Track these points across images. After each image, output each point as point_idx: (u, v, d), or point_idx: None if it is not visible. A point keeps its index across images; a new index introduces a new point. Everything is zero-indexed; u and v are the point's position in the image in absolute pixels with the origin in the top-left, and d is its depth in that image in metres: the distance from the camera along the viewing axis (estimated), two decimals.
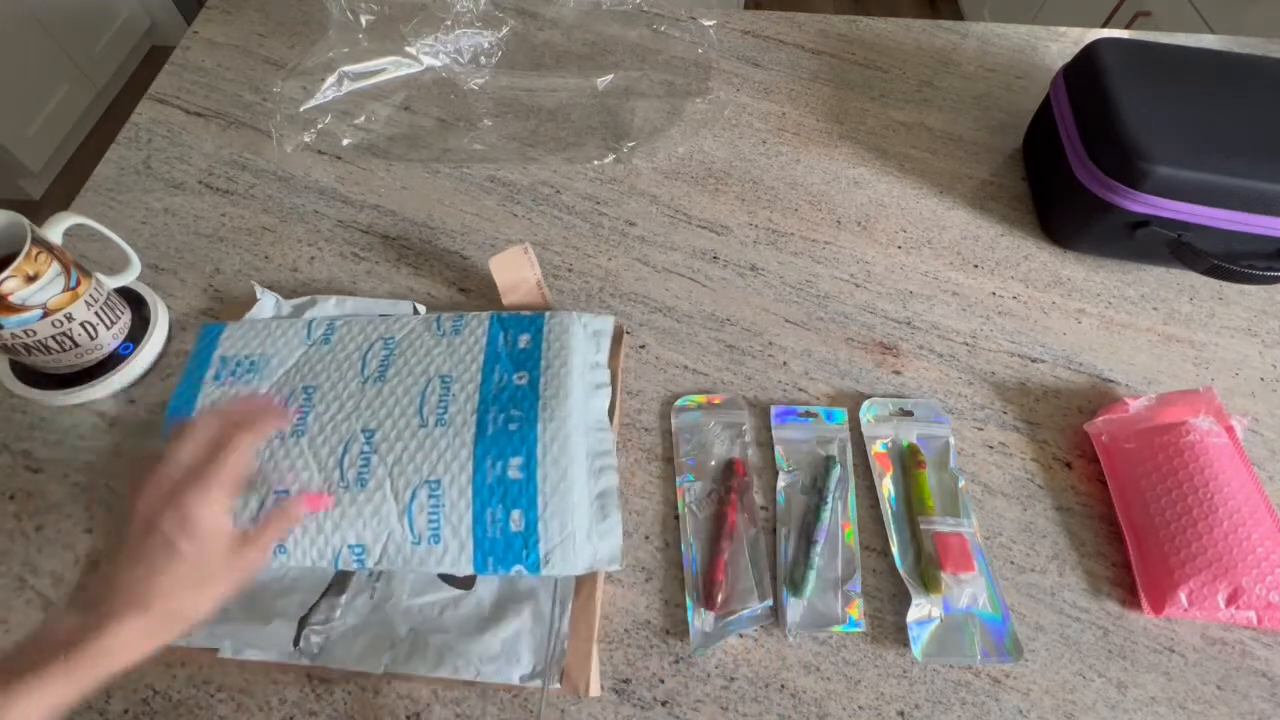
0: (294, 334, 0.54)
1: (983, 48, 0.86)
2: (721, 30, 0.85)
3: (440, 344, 0.53)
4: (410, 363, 0.52)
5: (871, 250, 0.67)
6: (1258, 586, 0.44)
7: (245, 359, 0.53)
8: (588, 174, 0.71)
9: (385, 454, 0.47)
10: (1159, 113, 0.60)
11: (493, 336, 0.54)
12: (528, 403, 0.50)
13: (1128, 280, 0.66)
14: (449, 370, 0.51)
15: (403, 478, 0.46)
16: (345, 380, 0.51)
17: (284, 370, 0.52)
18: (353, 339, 0.54)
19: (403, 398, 0.50)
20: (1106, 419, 0.54)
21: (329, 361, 0.52)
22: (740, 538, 0.49)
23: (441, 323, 0.55)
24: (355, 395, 0.50)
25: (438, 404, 0.50)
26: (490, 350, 0.53)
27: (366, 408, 0.49)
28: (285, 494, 0.45)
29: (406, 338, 0.54)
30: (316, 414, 0.49)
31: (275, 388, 0.51)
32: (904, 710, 0.44)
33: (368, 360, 0.52)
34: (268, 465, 0.47)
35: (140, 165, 0.70)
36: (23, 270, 0.45)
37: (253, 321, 0.55)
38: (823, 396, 0.57)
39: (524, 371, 0.51)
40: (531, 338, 0.53)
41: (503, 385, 0.51)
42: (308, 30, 0.83)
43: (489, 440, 0.47)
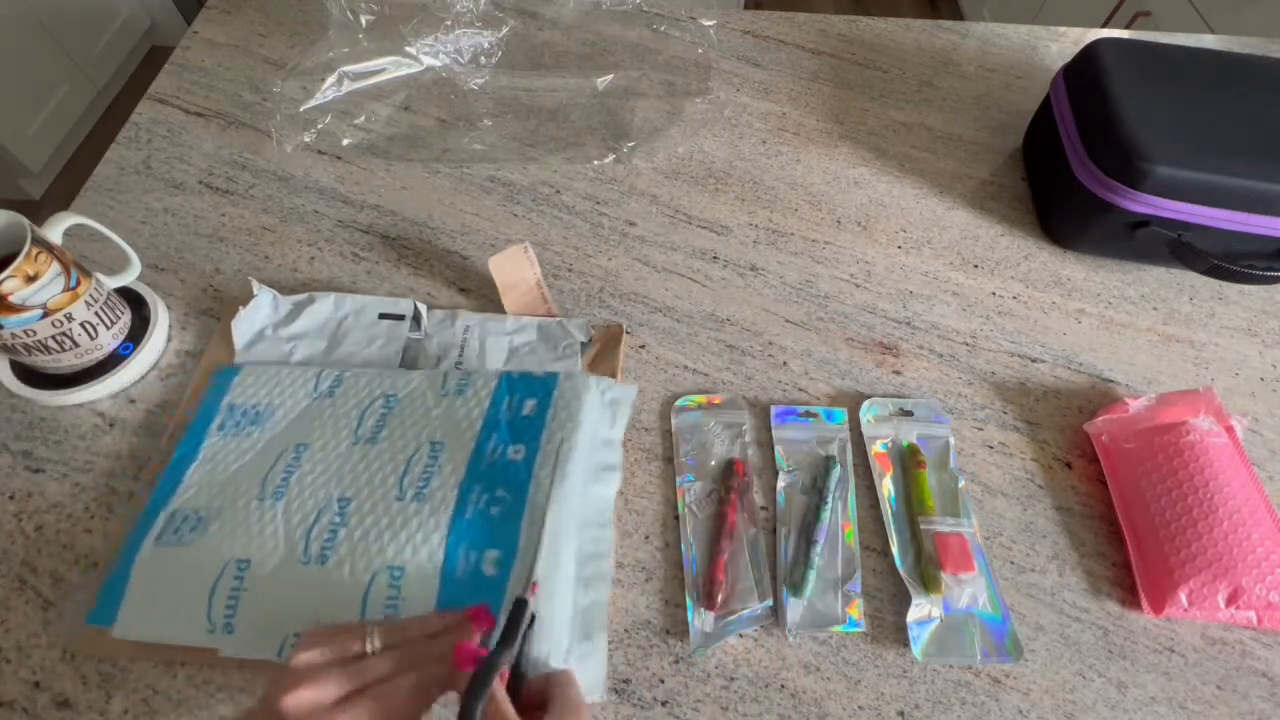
0: (302, 385, 0.51)
1: (983, 48, 0.86)
2: (721, 30, 0.85)
3: (441, 405, 0.48)
4: (406, 424, 0.48)
5: (871, 250, 0.67)
6: (1258, 586, 0.44)
7: (251, 408, 0.50)
8: (588, 174, 0.71)
9: (354, 528, 0.43)
10: (1159, 113, 0.60)
11: (497, 399, 0.48)
12: (517, 483, 0.44)
13: (1128, 280, 0.66)
14: (442, 435, 0.46)
15: (364, 558, 0.41)
16: (338, 439, 0.47)
17: (286, 424, 0.49)
18: (356, 394, 0.50)
19: (387, 464, 0.45)
20: (1106, 419, 0.54)
21: (328, 417, 0.49)
22: (740, 538, 0.49)
23: (448, 380, 0.50)
24: (342, 457, 0.46)
25: (421, 474, 0.44)
26: (491, 415, 0.47)
27: (350, 472, 0.45)
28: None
29: (409, 395, 0.50)
30: (300, 475, 0.46)
31: (272, 443, 0.48)
32: (904, 710, 0.44)
33: (364, 418, 0.48)
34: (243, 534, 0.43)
35: (140, 165, 0.70)
36: (23, 270, 0.45)
37: (265, 366, 0.53)
38: (823, 396, 0.57)
39: (521, 444, 0.45)
40: (538, 403, 0.48)
41: (495, 458, 0.45)
42: (308, 30, 0.83)
43: (465, 525, 0.42)
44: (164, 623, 0.42)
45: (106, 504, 0.50)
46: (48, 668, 0.44)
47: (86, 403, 0.54)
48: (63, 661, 0.44)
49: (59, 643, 0.45)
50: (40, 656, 0.44)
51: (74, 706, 0.43)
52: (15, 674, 0.44)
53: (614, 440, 0.51)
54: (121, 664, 0.44)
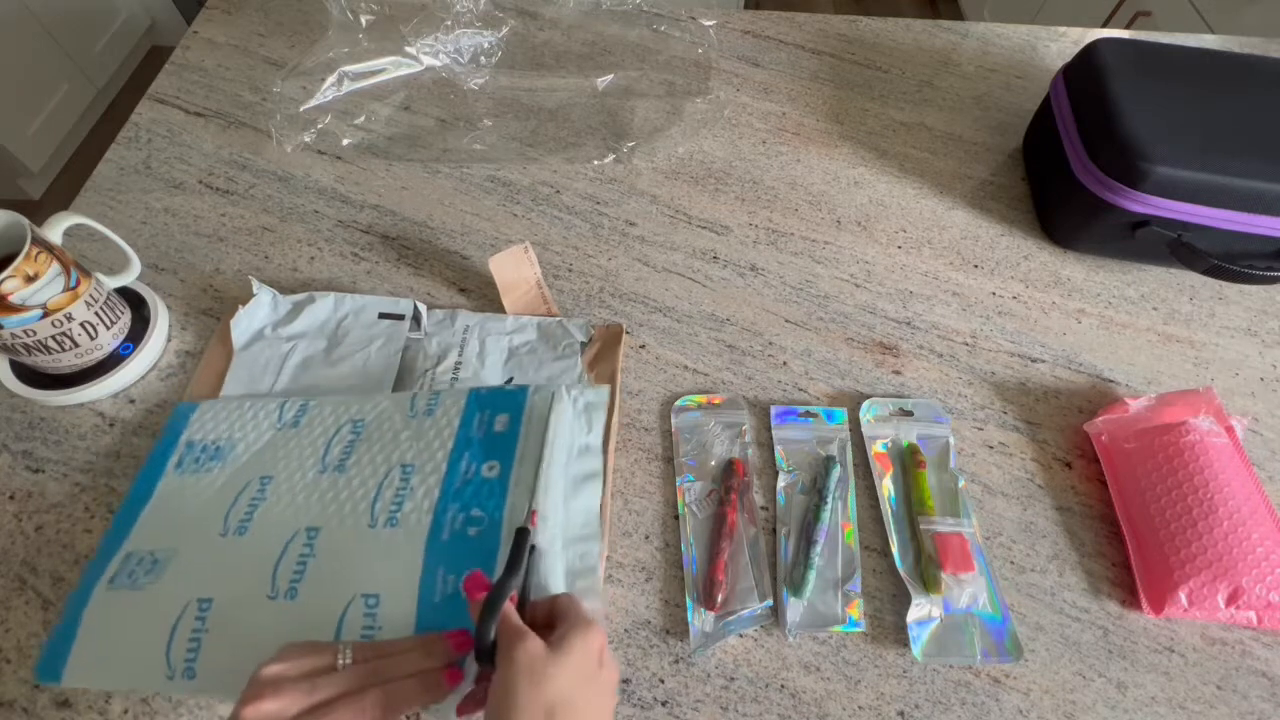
0: (265, 416, 0.49)
1: (983, 48, 0.86)
2: (721, 30, 0.85)
3: (410, 427, 0.46)
4: (375, 449, 0.46)
5: (871, 250, 0.67)
6: (1258, 586, 0.44)
7: (211, 444, 0.48)
8: (588, 174, 0.71)
9: (325, 559, 0.40)
10: (1159, 113, 0.60)
11: (467, 417, 0.46)
12: (494, 501, 0.42)
13: (1128, 280, 0.66)
14: (413, 458, 0.44)
15: (336, 587, 0.39)
16: (304, 469, 0.45)
17: (248, 457, 0.47)
18: (322, 422, 0.48)
19: (357, 490, 0.43)
20: (1106, 419, 0.54)
21: (293, 447, 0.47)
22: (740, 538, 0.49)
23: (416, 402, 0.49)
24: (309, 487, 0.44)
25: (393, 499, 0.42)
26: (462, 434, 0.45)
27: (318, 502, 0.43)
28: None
29: (377, 419, 0.48)
30: (265, 508, 0.44)
31: (234, 478, 0.46)
32: (904, 710, 0.44)
33: (331, 446, 0.46)
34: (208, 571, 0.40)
35: (140, 165, 0.70)
36: (23, 270, 0.45)
37: (227, 400, 0.51)
38: (823, 396, 0.57)
39: (495, 460, 0.43)
40: (510, 417, 0.46)
41: (469, 477, 0.43)
42: (308, 30, 0.83)
43: (442, 548, 0.40)
44: (117, 670, 0.40)
45: (106, 504, 0.50)
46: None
47: (86, 403, 0.54)
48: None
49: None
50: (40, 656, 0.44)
51: (74, 706, 0.43)
52: (15, 674, 0.44)
53: (592, 446, 0.49)
54: None
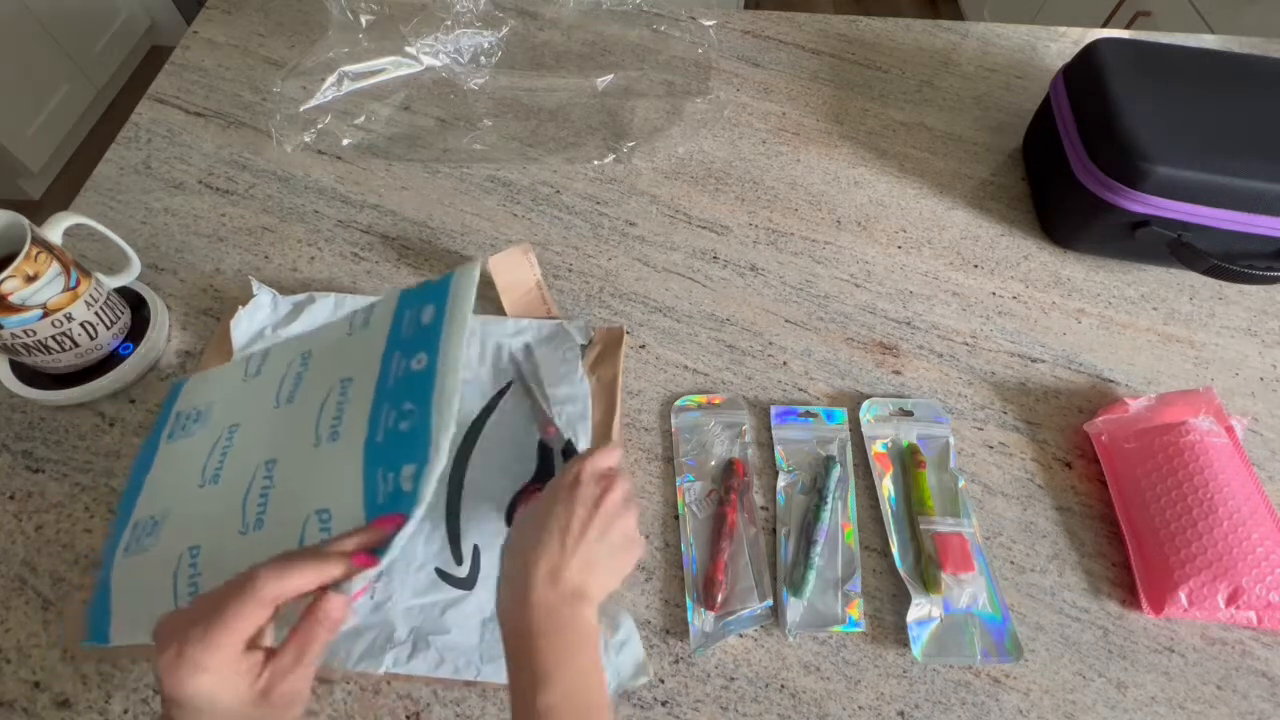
0: (232, 375, 0.51)
1: (983, 48, 0.86)
2: (721, 30, 0.85)
3: (349, 344, 0.46)
4: (318, 375, 0.46)
5: (871, 250, 0.67)
6: (1258, 586, 0.44)
7: (194, 411, 0.50)
8: (588, 174, 0.71)
9: (282, 486, 0.42)
10: (1159, 113, 0.60)
11: (397, 318, 0.44)
12: (422, 391, 0.39)
13: (1128, 280, 0.66)
14: (351, 371, 0.44)
15: (293, 509, 0.40)
16: (262, 410, 0.46)
17: (220, 413, 0.49)
18: (278, 363, 0.49)
19: (304, 416, 0.44)
20: (1106, 419, 0.54)
21: (256, 393, 0.48)
22: (740, 538, 0.49)
23: (355, 319, 0.47)
24: (269, 424, 0.45)
25: (334, 415, 0.42)
26: (393, 334, 0.44)
27: (273, 435, 0.44)
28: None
29: (322, 346, 0.48)
30: (233, 454, 0.45)
31: (209, 433, 0.47)
32: (904, 710, 0.44)
33: (284, 383, 0.47)
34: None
35: (140, 165, 0.70)
36: (23, 270, 0.45)
37: (209, 371, 0.53)
38: (823, 396, 0.57)
39: (422, 352, 0.41)
40: (435, 307, 0.43)
41: (399, 374, 0.41)
42: (308, 30, 0.83)
43: (377, 449, 0.39)
44: (146, 626, 0.40)
45: (106, 504, 0.50)
46: (48, 668, 0.44)
47: (86, 403, 0.54)
48: (63, 661, 0.44)
49: (59, 643, 0.45)
50: (40, 656, 0.44)
51: (74, 706, 0.43)
52: (15, 674, 0.44)
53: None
54: (121, 664, 0.44)
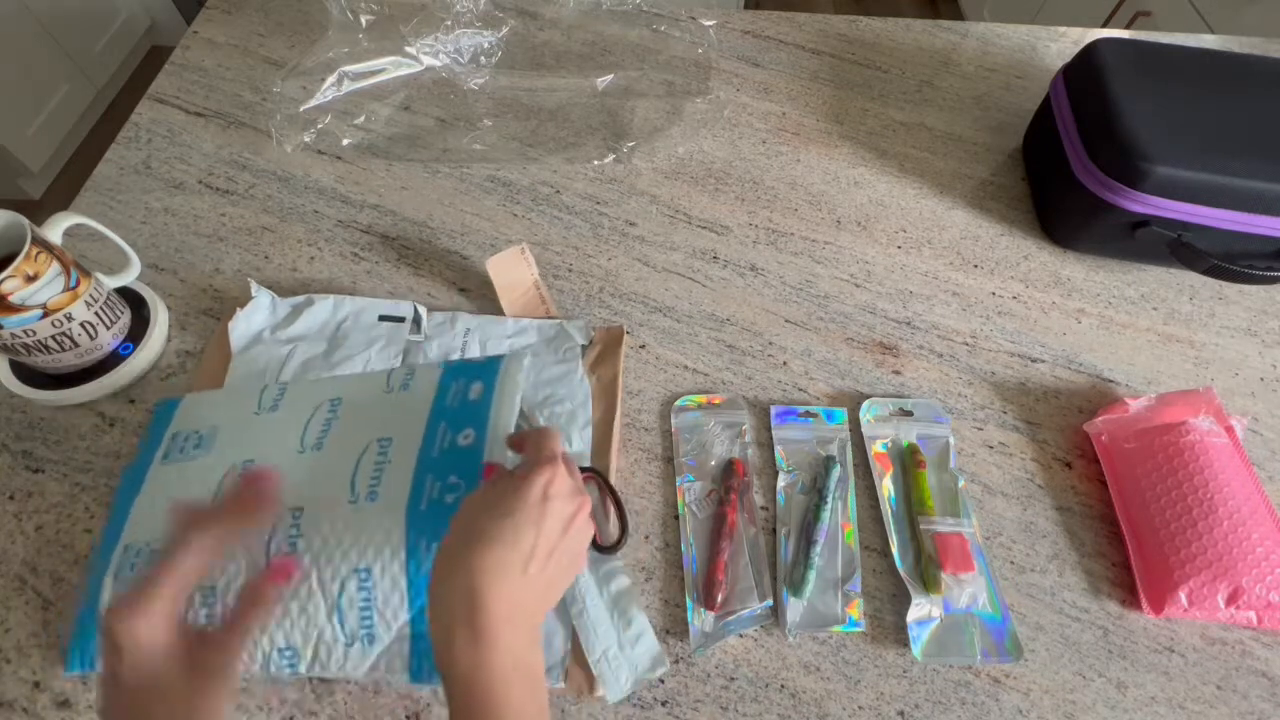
0: (245, 402, 0.49)
1: (983, 48, 0.86)
2: (721, 30, 0.85)
3: (386, 402, 0.46)
4: (351, 426, 0.45)
5: (871, 250, 0.67)
6: (1258, 586, 0.44)
7: (194, 433, 0.47)
8: (588, 174, 0.71)
9: (312, 538, 0.40)
10: (1159, 113, 0.60)
11: (443, 387, 0.46)
12: (470, 468, 0.41)
13: (1128, 280, 0.66)
14: (390, 431, 0.44)
15: (330, 566, 0.39)
16: (285, 450, 0.44)
17: (230, 442, 0.47)
18: (299, 403, 0.47)
19: (337, 467, 0.43)
20: (1106, 419, 0.54)
21: (273, 430, 0.46)
22: (740, 538, 0.49)
23: (393, 377, 0.48)
24: (290, 468, 0.43)
25: (372, 473, 0.42)
26: (438, 404, 0.45)
27: (299, 482, 0.42)
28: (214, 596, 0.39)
29: (353, 397, 0.47)
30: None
31: (216, 462, 0.45)
32: (904, 710, 0.44)
33: (309, 426, 0.45)
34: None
35: (140, 165, 0.70)
36: (23, 270, 0.45)
37: (207, 394, 0.52)
38: (823, 396, 0.57)
39: (470, 429, 0.42)
40: (484, 385, 0.45)
41: (445, 446, 0.42)
42: (308, 30, 0.83)
43: (423, 517, 0.40)
44: None
45: (106, 504, 0.50)
46: (48, 668, 0.44)
47: (86, 403, 0.54)
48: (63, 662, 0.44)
49: (59, 643, 0.45)
50: (40, 656, 0.44)
51: (74, 706, 0.43)
52: (15, 674, 0.44)
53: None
54: None
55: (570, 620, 0.45)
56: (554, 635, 0.44)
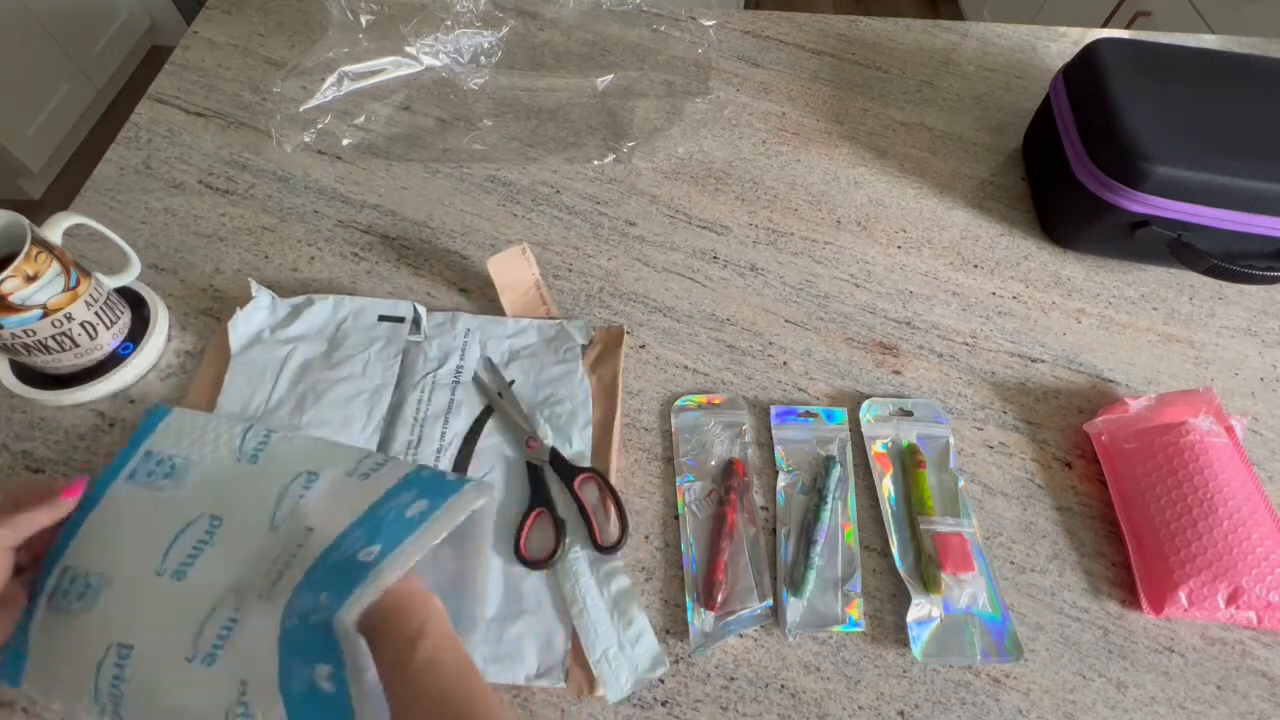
0: (226, 442, 0.46)
1: (983, 48, 0.86)
2: (721, 30, 0.85)
3: (348, 487, 0.42)
4: (309, 510, 0.42)
5: (871, 250, 0.67)
6: (1258, 586, 0.44)
7: (168, 459, 0.45)
8: (588, 174, 0.71)
9: (246, 633, 0.37)
10: (1159, 113, 0.60)
11: (393, 492, 0.41)
12: (343, 588, 0.35)
13: (1128, 280, 0.66)
14: (319, 524, 0.40)
15: (249, 665, 0.36)
16: (255, 524, 0.41)
17: (202, 484, 0.44)
18: (279, 466, 0.44)
19: (278, 558, 0.39)
20: (1106, 419, 0.54)
21: (247, 490, 0.43)
22: (740, 538, 0.49)
23: (364, 462, 0.44)
24: (253, 549, 0.40)
25: (285, 563, 0.39)
26: (375, 510, 0.40)
27: (253, 568, 0.39)
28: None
29: (329, 476, 0.44)
30: (210, 556, 0.40)
31: (183, 505, 0.42)
32: (904, 710, 0.44)
33: (282, 501, 0.42)
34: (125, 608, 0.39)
35: (140, 165, 0.70)
36: (22, 270, 0.45)
37: (195, 414, 0.48)
38: (823, 396, 0.57)
39: (379, 545, 0.37)
40: (430, 504, 0.40)
41: (345, 554, 0.38)
42: (308, 30, 0.83)
43: (289, 634, 0.36)
44: (63, 690, 0.39)
45: None
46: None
47: (86, 403, 0.54)
48: None
49: None
50: None
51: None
52: None
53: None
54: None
55: (570, 620, 0.45)
56: (554, 635, 0.45)
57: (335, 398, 0.53)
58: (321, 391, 0.53)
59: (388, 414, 0.53)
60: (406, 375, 0.55)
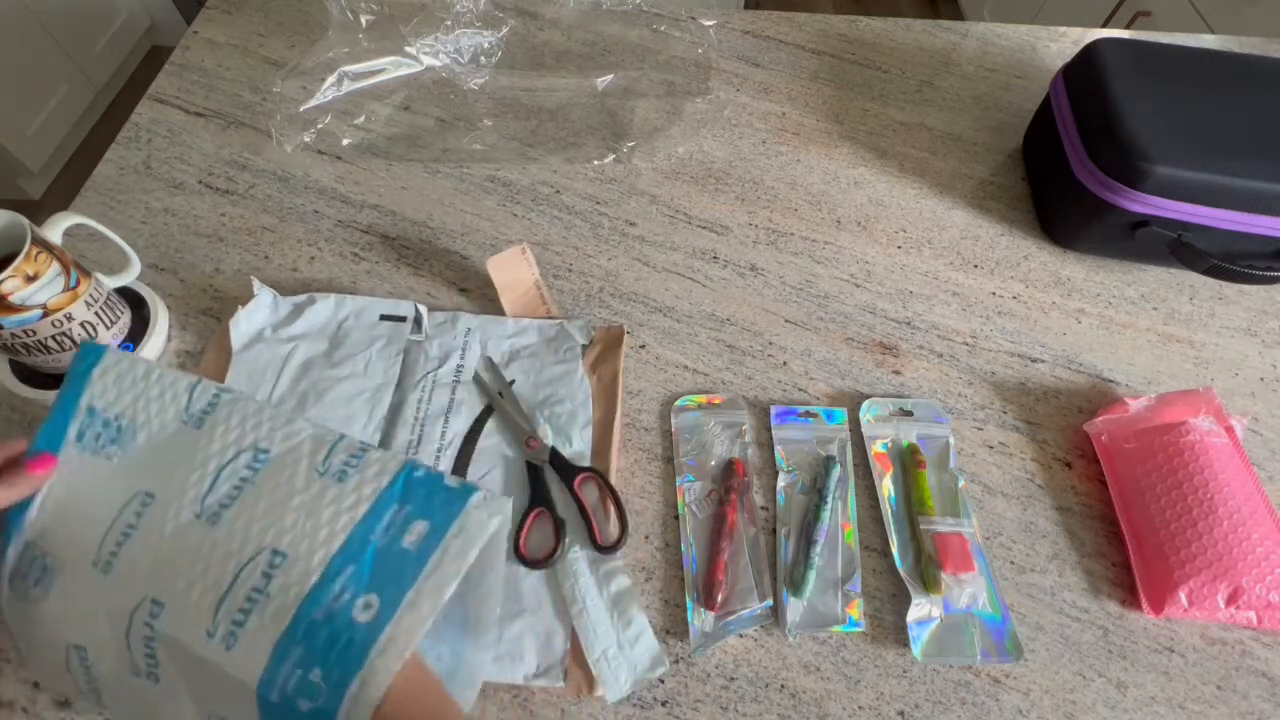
0: (172, 400, 0.37)
1: (983, 48, 0.86)
2: (721, 30, 0.85)
3: (311, 489, 0.34)
4: (259, 506, 0.34)
5: (871, 250, 0.67)
6: (1258, 586, 0.44)
7: (113, 420, 0.37)
8: (588, 174, 0.71)
9: (168, 652, 0.31)
10: (1159, 113, 0.60)
11: (380, 504, 0.34)
12: (346, 666, 0.30)
13: (1128, 280, 0.66)
14: (291, 544, 0.32)
15: (178, 702, 0.32)
16: (182, 503, 0.34)
17: (145, 453, 0.36)
18: (225, 433, 0.36)
19: (213, 569, 0.32)
20: (1106, 419, 0.54)
21: (184, 458, 0.35)
22: (740, 538, 0.49)
23: (333, 454, 0.35)
24: (177, 535, 0.33)
25: (245, 600, 0.31)
26: (361, 528, 0.33)
27: (175, 563, 0.32)
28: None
29: (282, 458, 0.35)
30: (131, 545, 0.33)
31: (125, 478, 0.35)
32: (904, 710, 0.44)
33: (220, 480, 0.34)
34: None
35: (140, 165, 0.70)
36: (22, 270, 0.45)
37: (134, 360, 0.38)
38: (823, 396, 0.57)
39: (375, 595, 0.31)
40: (430, 528, 0.33)
41: (336, 607, 0.31)
42: (308, 30, 0.83)
43: (271, 708, 0.30)
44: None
45: None
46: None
47: None
48: None
49: None
50: None
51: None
52: (15, 674, 0.44)
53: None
54: None
55: (570, 620, 0.45)
56: (554, 635, 0.45)
57: (336, 396, 0.53)
58: (323, 390, 0.53)
59: (388, 413, 0.53)
60: (407, 374, 0.55)
